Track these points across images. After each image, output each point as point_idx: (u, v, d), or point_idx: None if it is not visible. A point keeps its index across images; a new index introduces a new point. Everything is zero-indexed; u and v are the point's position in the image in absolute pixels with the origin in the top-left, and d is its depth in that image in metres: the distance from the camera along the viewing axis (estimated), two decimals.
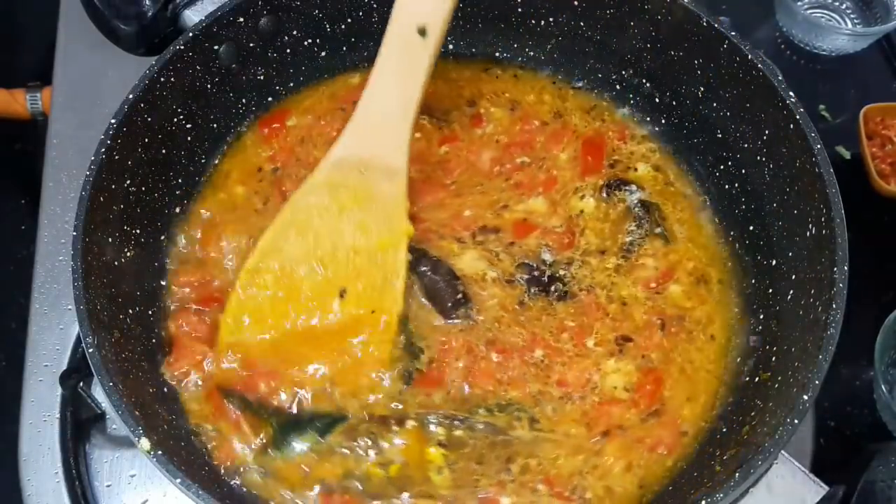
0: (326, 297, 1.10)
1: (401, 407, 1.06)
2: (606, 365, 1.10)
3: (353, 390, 1.07)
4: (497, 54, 1.33)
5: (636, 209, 1.19)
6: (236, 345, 1.08)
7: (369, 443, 1.04)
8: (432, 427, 1.05)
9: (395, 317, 1.09)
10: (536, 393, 1.08)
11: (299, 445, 1.04)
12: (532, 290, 1.14)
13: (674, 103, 1.24)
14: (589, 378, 1.10)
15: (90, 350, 0.95)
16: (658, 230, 1.18)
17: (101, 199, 1.05)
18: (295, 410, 1.06)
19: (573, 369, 1.10)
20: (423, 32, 1.11)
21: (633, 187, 1.21)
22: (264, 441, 1.04)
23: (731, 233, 1.18)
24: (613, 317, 1.13)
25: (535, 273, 1.15)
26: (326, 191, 1.13)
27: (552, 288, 1.14)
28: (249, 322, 1.09)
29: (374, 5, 1.27)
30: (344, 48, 1.30)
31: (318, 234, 1.12)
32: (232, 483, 1.03)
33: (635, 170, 1.24)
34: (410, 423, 1.05)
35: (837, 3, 1.60)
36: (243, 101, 1.26)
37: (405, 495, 1.02)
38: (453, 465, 1.03)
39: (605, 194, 1.21)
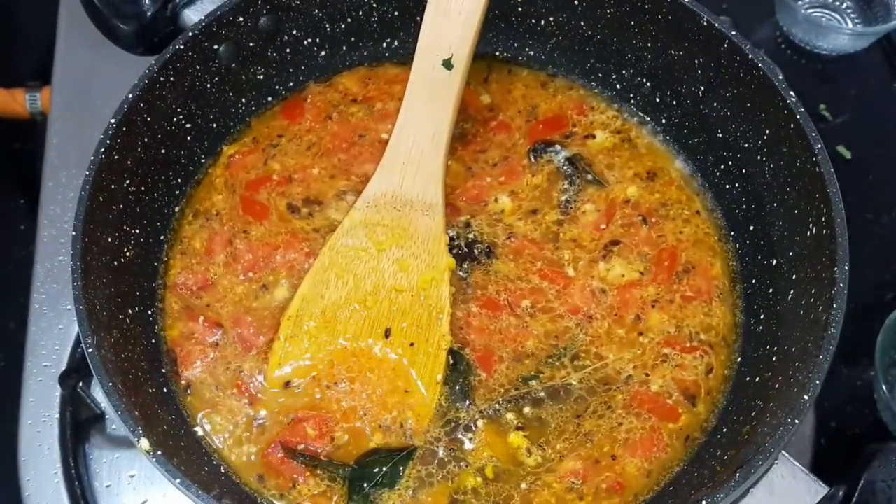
0: (370, 339, 1.09)
1: (462, 415, 1.06)
2: (599, 269, 1.14)
3: (407, 419, 1.06)
4: (497, 53, 1.33)
5: (565, 167, 1.21)
6: (282, 391, 1.07)
7: (452, 459, 1.04)
8: (501, 417, 1.06)
9: (443, 353, 1.08)
10: (562, 331, 1.10)
11: (383, 494, 1.02)
12: (465, 266, 1.15)
13: (674, 103, 1.23)
14: (593, 289, 1.12)
15: (90, 350, 0.95)
16: (589, 177, 1.20)
17: (101, 198, 1.05)
18: (356, 454, 1.04)
19: (573, 294, 1.12)
20: (448, 65, 1.13)
21: (558, 147, 1.23)
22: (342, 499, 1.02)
23: (732, 233, 1.18)
24: (574, 247, 1.16)
25: (453, 251, 1.15)
26: (363, 231, 1.13)
27: (475, 251, 1.16)
28: (294, 369, 1.08)
29: (374, 5, 1.27)
30: (344, 48, 1.30)
31: (357, 276, 1.11)
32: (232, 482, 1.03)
33: (593, 137, 1.25)
34: (480, 423, 1.05)
35: (838, 3, 1.59)
36: (243, 100, 1.26)
37: (523, 485, 1.02)
38: (540, 442, 1.04)
39: (532, 158, 1.23)
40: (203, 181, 1.22)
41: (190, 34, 1.13)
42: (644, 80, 1.25)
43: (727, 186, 1.19)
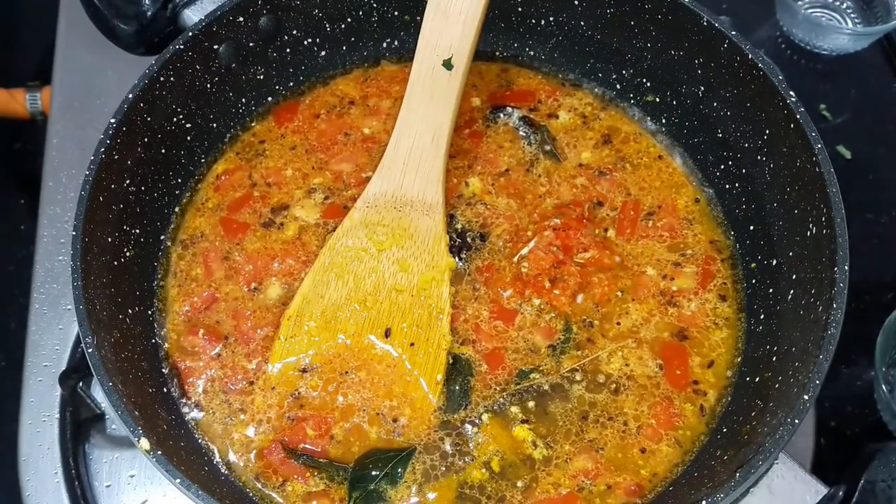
0: (370, 338, 1.09)
1: (464, 412, 1.06)
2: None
3: (408, 418, 1.06)
4: (497, 53, 1.33)
5: (521, 128, 1.23)
6: (282, 391, 1.07)
7: (457, 452, 1.04)
8: (506, 410, 1.06)
9: (443, 353, 1.08)
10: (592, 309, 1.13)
11: (387, 490, 1.02)
12: (463, 256, 1.15)
13: (674, 103, 1.24)
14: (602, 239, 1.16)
15: (90, 350, 0.95)
16: (547, 147, 1.22)
17: (101, 198, 1.05)
18: (356, 454, 1.04)
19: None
20: (448, 65, 1.14)
21: (510, 109, 1.25)
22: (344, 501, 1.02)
23: (732, 233, 1.18)
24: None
25: (450, 245, 1.16)
26: (363, 231, 1.13)
27: (468, 239, 1.16)
28: (295, 368, 1.08)
29: (374, 5, 1.27)
30: (344, 48, 1.30)
31: (357, 276, 1.11)
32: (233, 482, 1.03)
33: (556, 117, 1.26)
34: (485, 417, 1.05)
35: (838, 3, 1.59)
36: (243, 100, 1.26)
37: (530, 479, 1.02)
38: (546, 437, 1.04)
39: (489, 122, 1.25)
40: (191, 205, 1.21)
41: (190, 34, 1.13)
42: (644, 80, 1.25)
43: (727, 186, 1.19)
